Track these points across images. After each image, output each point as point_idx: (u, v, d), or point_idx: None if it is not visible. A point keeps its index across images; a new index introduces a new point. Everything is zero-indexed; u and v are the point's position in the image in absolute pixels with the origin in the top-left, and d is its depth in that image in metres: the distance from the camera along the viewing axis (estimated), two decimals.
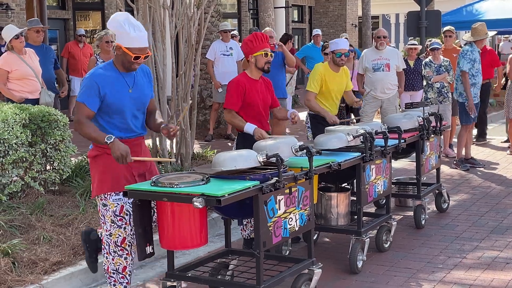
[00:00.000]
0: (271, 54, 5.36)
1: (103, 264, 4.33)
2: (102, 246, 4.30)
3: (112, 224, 4.21)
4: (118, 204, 4.19)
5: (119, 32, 4.15)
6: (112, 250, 4.24)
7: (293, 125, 9.38)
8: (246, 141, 5.17)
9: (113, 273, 4.27)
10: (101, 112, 4.19)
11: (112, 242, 4.23)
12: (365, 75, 8.90)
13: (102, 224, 4.30)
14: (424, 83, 9.65)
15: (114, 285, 4.29)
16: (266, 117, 5.53)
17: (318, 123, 6.49)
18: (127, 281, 4.30)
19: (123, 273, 4.27)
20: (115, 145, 4.02)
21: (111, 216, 4.21)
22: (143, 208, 4.13)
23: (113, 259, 4.25)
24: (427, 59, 9.65)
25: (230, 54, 10.89)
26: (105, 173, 4.21)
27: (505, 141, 11.11)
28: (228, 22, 11.79)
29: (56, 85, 8.96)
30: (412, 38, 12.61)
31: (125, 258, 4.24)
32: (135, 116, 4.29)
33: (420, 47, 10.73)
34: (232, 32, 11.49)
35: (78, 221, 5.61)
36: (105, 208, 4.23)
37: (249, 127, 5.27)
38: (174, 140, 7.70)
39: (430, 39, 10.79)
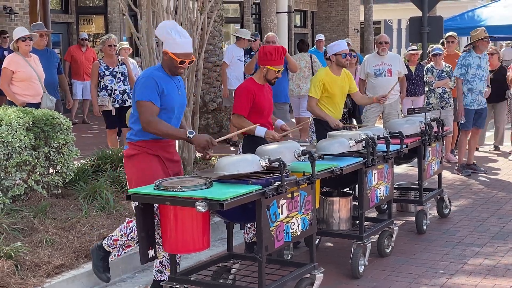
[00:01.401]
0: (281, 71, 5.49)
1: (112, 235, 4.53)
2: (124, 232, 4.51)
3: None
4: None
5: (166, 38, 4.36)
6: (131, 237, 4.44)
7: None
8: (252, 144, 5.19)
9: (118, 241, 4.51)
10: None
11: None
12: (367, 80, 8.93)
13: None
14: (426, 88, 9.67)
15: (113, 248, 4.54)
16: (271, 122, 5.58)
17: (322, 127, 6.52)
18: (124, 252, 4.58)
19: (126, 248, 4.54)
20: (197, 138, 4.31)
21: None
22: (146, 212, 4.16)
23: (126, 241, 4.47)
24: (429, 65, 9.67)
25: (244, 60, 10.92)
26: (144, 170, 4.37)
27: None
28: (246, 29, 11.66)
29: (59, 88, 8.99)
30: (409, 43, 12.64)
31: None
32: (178, 118, 4.52)
33: (420, 52, 10.74)
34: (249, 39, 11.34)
35: (81, 225, 5.63)
36: None
37: (260, 130, 5.32)
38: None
39: (432, 45, 10.79)
